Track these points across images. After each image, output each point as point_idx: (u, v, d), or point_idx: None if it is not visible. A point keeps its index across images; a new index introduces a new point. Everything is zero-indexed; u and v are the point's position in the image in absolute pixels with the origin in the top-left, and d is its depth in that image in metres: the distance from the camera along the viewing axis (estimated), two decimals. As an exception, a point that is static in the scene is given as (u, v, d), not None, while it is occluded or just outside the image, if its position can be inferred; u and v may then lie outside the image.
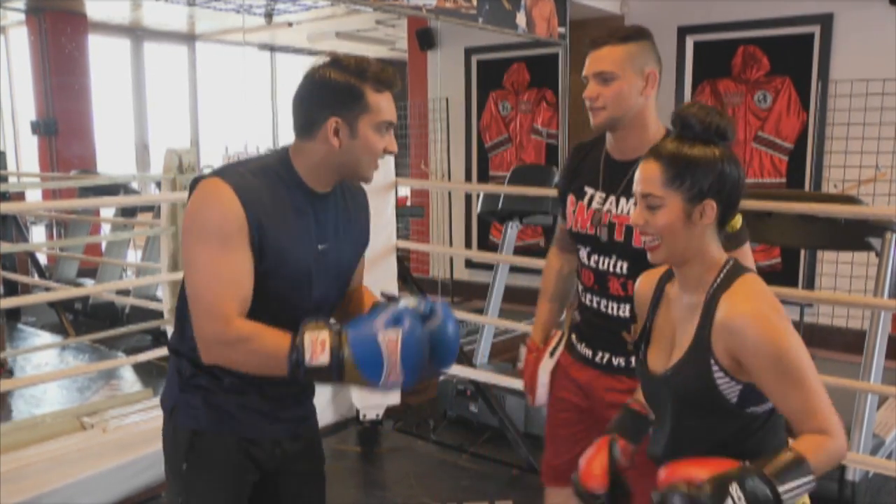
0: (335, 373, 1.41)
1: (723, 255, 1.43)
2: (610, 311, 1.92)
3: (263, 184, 1.51)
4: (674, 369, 1.44)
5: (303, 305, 1.57)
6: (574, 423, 2.02)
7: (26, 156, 7.66)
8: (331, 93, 1.50)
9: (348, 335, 1.41)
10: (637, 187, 1.42)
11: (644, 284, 1.60)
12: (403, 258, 4.18)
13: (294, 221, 1.54)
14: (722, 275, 1.42)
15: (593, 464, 1.56)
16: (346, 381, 1.43)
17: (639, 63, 1.77)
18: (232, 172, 1.51)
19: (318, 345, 1.40)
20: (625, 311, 1.87)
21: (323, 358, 1.39)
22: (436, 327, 1.48)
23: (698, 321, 1.41)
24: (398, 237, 3.97)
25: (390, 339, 1.39)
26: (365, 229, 1.79)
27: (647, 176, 1.41)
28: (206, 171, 1.66)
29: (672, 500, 1.24)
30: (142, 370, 4.40)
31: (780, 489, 1.22)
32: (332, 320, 1.51)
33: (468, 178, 7.01)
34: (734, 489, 1.21)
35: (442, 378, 4.12)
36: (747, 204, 3.26)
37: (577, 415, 2.01)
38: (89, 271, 6.56)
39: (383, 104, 1.52)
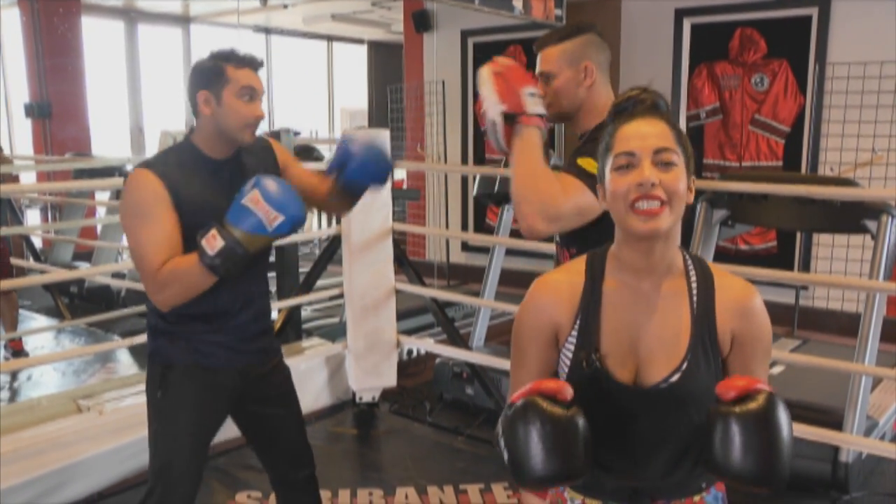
0: (235, 245, 1.78)
1: None
2: None
3: (175, 161, 1.94)
4: (685, 373, 1.23)
5: None
6: None
7: (20, 139, 7.62)
8: (200, 73, 1.93)
9: (228, 216, 1.80)
10: (644, 143, 1.21)
11: (556, 285, 1.31)
12: (400, 241, 4.18)
13: (203, 184, 1.93)
14: (687, 256, 1.30)
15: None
16: (252, 247, 1.81)
17: (575, 58, 1.88)
18: (151, 161, 1.95)
19: (210, 239, 1.79)
20: None
21: (218, 242, 1.78)
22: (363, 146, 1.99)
23: (692, 308, 1.25)
24: (394, 220, 3.97)
25: (251, 198, 1.79)
26: (274, 167, 2.10)
27: (658, 130, 1.22)
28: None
29: (772, 408, 1.12)
30: (137, 353, 4.40)
31: None
32: None
33: (464, 160, 7.00)
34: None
35: (438, 360, 4.13)
36: (743, 186, 3.27)
37: None
38: (84, 254, 6.55)
39: (242, 77, 1.91)
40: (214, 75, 1.90)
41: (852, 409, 2.98)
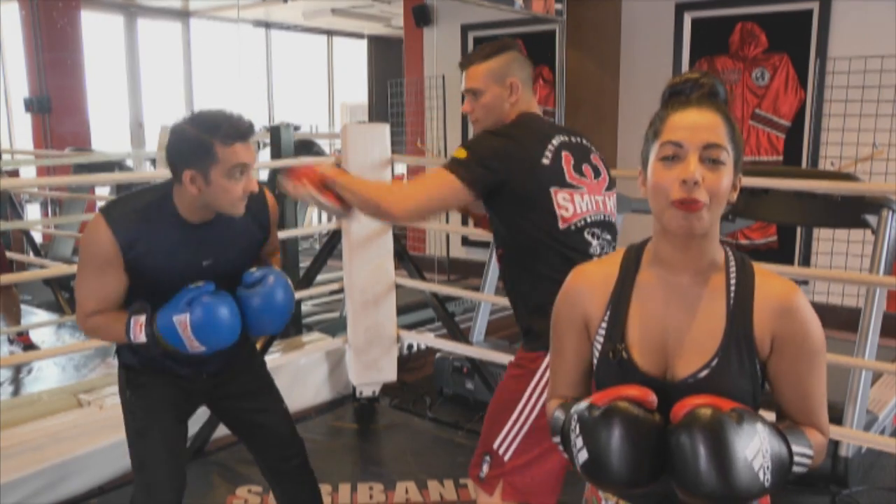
0: (154, 345, 1.83)
1: None
2: None
3: (143, 215, 1.85)
4: (714, 370, 1.19)
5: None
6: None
7: (19, 133, 7.61)
8: (185, 147, 1.80)
9: (156, 318, 1.82)
10: (694, 135, 1.14)
11: (591, 276, 1.31)
12: (400, 236, 4.18)
13: (171, 247, 1.87)
14: (731, 253, 1.25)
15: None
16: (166, 350, 1.85)
17: (500, 75, 2.00)
18: (117, 211, 1.86)
19: (137, 326, 1.83)
20: None
21: (142, 336, 1.83)
22: (265, 293, 1.90)
23: (729, 305, 1.21)
24: (394, 215, 3.95)
25: (181, 321, 1.80)
26: (255, 237, 2.05)
27: (711, 123, 1.15)
28: None
29: (700, 425, 1.08)
30: (138, 348, 4.40)
31: (794, 449, 1.14)
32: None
33: (464, 155, 6.97)
34: (761, 429, 1.09)
35: (438, 355, 4.13)
36: (744, 181, 3.27)
37: None
38: (85, 249, 6.53)
39: (229, 154, 1.78)
40: (201, 153, 1.78)
41: (852, 403, 2.98)
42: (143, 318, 1.84)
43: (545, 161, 1.90)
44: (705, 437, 1.07)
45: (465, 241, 6.97)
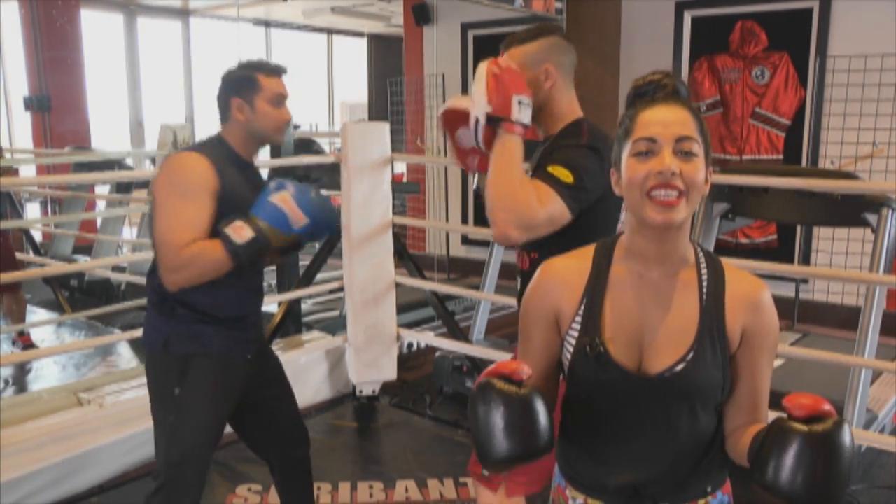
0: (261, 239, 1.89)
1: None
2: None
3: (221, 156, 2.00)
4: (690, 363, 1.21)
5: None
6: None
7: (19, 132, 7.61)
8: (233, 81, 2.05)
9: (254, 211, 1.91)
10: (666, 129, 1.17)
11: (563, 270, 1.30)
12: (399, 234, 4.18)
13: (238, 180, 2.02)
14: (699, 248, 1.28)
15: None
16: (273, 241, 1.91)
17: (537, 60, 1.90)
18: (200, 147, 2.02)
19: (238, 228, 1.88)
20: None
21: (247, 233, 1.87)
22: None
23: (701, 299, 1.23)
24: (394, 213, 3.96)
25: (283, 198, 1.91)
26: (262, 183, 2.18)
27: (681, 118, 1.18)
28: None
29: (839, 434, 1.05)
30: (138, 346, 4.40)
31: None
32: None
33: (464, 154, 6.97)
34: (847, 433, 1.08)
35: (438, 354, 4.13)
36: (744, 179, 3.27)
37: None
38: (85, 248, 6.54)
39: (272, 84, 2.05)
40: (247, 83, 2.03)
41: (852, 402, 2.98)
42: (239, 221, 1.89)
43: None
44: (842, 446, 1.06)
45: (465, 240, 6.97)
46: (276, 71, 2.08)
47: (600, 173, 1.74)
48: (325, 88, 10.24)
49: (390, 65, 9.14)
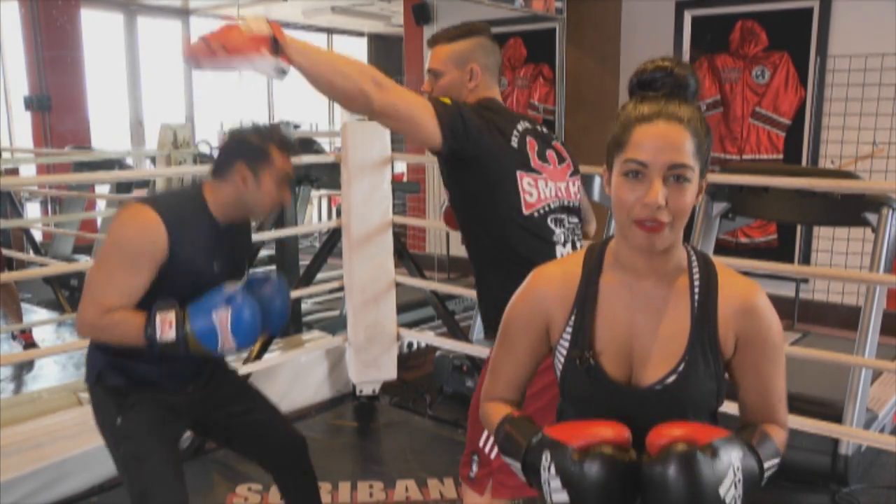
0: (181, 345, 1.80)
1: None
2: None
3: (183, 213, 1.90)
4: (681, 374, 1.19)
5: (200, 291, 1.89)
6: None
7: (19, 131, 7.61)
8: (245, 146, 1.94)
9: (189, 314, 1.80)
10: (658, 156, 1.12)
11: (553, 279, 1.28)
12: (399, 234, 4.18)
13: (198, 246, 1.91)
14: (693, 254, 1.25)
15: None
16: (194, 351, 1.82)
17: (462, 60, 1.93)
18: (161, 203, 1.89)
19: (165, 323, 1.78)
20: None
21: (170, 334, 1.78)
22: (265, 298, 1.96)
23: (693, 307, 1.21)
24: (394, 213, 3.96)
25: (222, 317, 1.80)
26: (251, 248, 2.25)
27: (678, 139, 1.12)
28: (202, 146, 2.00)
29: (674, 463, 1.08)
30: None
31: (765, 465, 1.16)
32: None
33: (464, 153, 6.97)
34: (736, 458, 1.10)
35: (438, 353, 4.13)
36: (744, 179, 3.27)
37: None
38: (85, 248, 6.54)
39: (283, 162, 1.95)
40: (259, 154, 1.93)
41: (852, 401, 2.98)
42: (171, 316, 1.79)
43: (513, 144, 1.87)
44: (679, 476, 1.08)
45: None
46: (291, 148, 2.01)
47: (481, 127, 1.80)
48: (326, 88, 10.23)
49: (390, 64, 9.13)
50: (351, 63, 1.73)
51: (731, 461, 1.10)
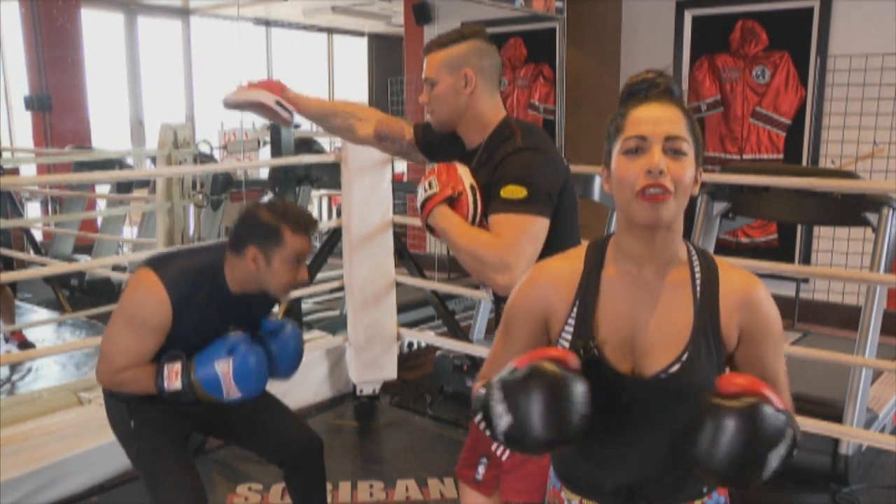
0: (188, 393, 1.91)
1: None
2: None
3: (194, 282, 1.96)
4: (685, 364, 1.20)
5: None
6: None
7: (20, 131, 7.61)
8: (257, 228, 1.95)
9: (194, 365, 1.90)
10: (656, 128, 1.17)
11: (555, 272, 1.30)
12: (400, 233, 4.18)
13: (208, 312, 1.97)
14: (692, 248, 1.27)
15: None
16: (201, 398, 1.93)
17: (455, 65, 1.86)
18: (171, 271, 1.95)
19: (172, 374, 1.90)
20: None
21: (176, 384, 1.90)
22: (279, 341, 2.06)
23: (695, 298, 1.22)
24: (395, 212, 3.96)
25: (224, 369, 1.89)
26: (268, 308, 2.22)
27: (672, 116, 1.18)
28: (202, 145, 2.01)
29: (751, 411, 1.09)
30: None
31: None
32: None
33: (465, 153, 6.97)
34: (789, 434, 1.12)
35: (439, 353, 4.13)
36: (744, 179, 3.27)
37: None
38: (85, 247, 6.54)
39: (297, 243, 1.96)
40: (271, 236, 1.94)
41: (852, 401, 2.98)
42: (177, 366, 1.90)
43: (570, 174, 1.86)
44: (751, 424, 1.09)
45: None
46: (306, 227, 1.98)
47: (549, 168, 1.76)
48: (326, 88, 10.23)
49: (391, 64, 9.13)
50: (479, 253, 1.72)
51: (788, 435, 1.11)
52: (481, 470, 1.99)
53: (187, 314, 1.93)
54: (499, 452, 1.95)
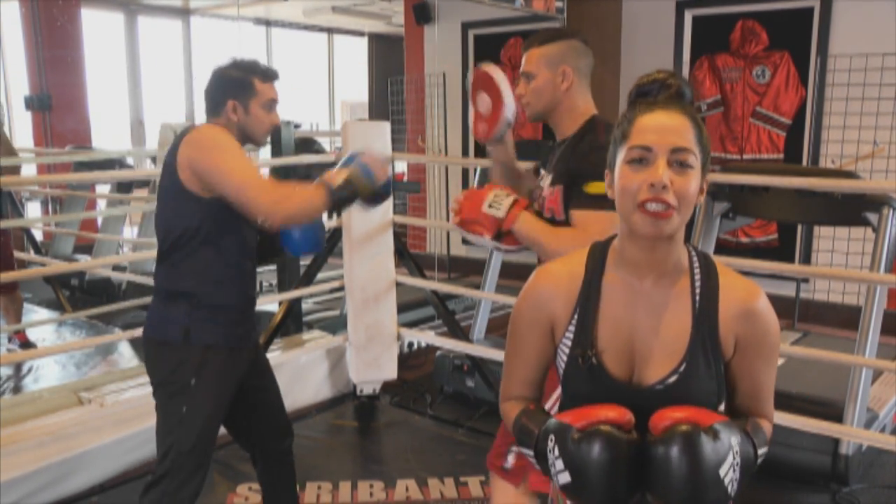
0: (352, 185, 2.02)
1: None
2: None
3: None
4: (683, 374, 1.20)
5: None
6: None
7: (20, 131, 7.61)
8: (229, 83, 2.10)
9: (343, 163, 2.07)
10: (662, 139, 1.14)
11: (557, 277, 1.29)
12: (400, 234, 4.17)
13: None
14: (695, 254, 1.25)
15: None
16: (361, 190, 2.05)
17: (554, 62, 1.98)
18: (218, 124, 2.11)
19: (331, 175, 2.04)
20: None
21: (340, 177, 2.02)
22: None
23: (694, 308, 1.21)
24: (395, 212, 3.96)
25: (362, 155, 2.09)
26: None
27: (679, 126, 1.15)
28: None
29: (678, 442, 1.10)
30: (138, 345, 4.39)
31: (758, 452, 1.18)
32: None
33: (465, 153, 6.98)
34: (735, 442, 1.12)
35: (439, 353, 4.13)
36: (745, 179, 3.26)
37: None
38: (85, 247, 6.54)
39: (267, 91, 2.13)
40: (243, 87, 2.09)
41: (853, 401, 2.98)
42: (330, 171, 2.05)
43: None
44: (682, 455, 1.10)
45: (466, 240, 6.95)
46: (271, 76, 2.15)
47: None
48: (326, 88, 10.23)
49: (391, 64, 9.13)
50: (554, 238, 1.84)
51: (731, 444, 1.12)
52: (511, 459, 2.04)
53: None
54: None
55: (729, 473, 1.11)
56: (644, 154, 1.15)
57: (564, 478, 1.15)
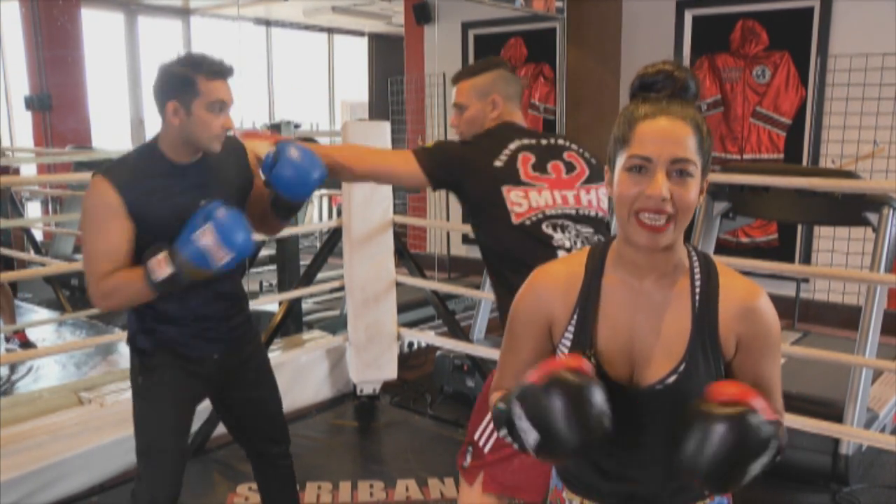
0: (180, 277, 1.82)
1: None
2: None
3: (135, 167, 1.93)
4: (682, 375, 1.19)
5: None
6: None
7: (20, 131, 7.61)
8: (169, 81, 1.90)
9: (177, 247, 1.81)
10: (662, 150, 1.12)
11: (556, 278, 1.28)
12: (400, 233, 4.18)
13: (165, 190, 1.91)
14: (694, 254, 1.25)
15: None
16: (195, 277, 1.84)
17: (484, 92, 2.11)
18: (109, 167, 1.93)
19: (159, 263, 1.82)
20: None
21: (167, 269, 1.81)
22: (286, 166, 1.90)
23: (694, 308, 1.21)
24: (395, 212, 3.96)
25: (205, 237, 1.79)
26: (244, 178, 2.10)
27: (681, 134, 1.13)
28: None
29: (739, 423, 1.09)
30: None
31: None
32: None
33: (465, 153, 6.97)
34: (775, 445, 1.12)
35: (439, 353, 4.13)
36: (745, 179, 3.26)
37: None
38: (85, 247, 6.53)
39: (211, 89, 1.88)
40: (184, 86, 1.88)
41: (853, 401, 2.98)
42: (162, 255, 1.82)
43: (497, 164, 1.98)
44: (736, 436, 1.09)
45: (466, 239, 6.96)
46: (220, 73, 1.91)
47: (462, 159, 2.01)
48: (326, 87, 10.23)
49: (391, 64, 9.13)
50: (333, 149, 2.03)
51: (771, 446, 1.12)
52: (468, 458, 2.04)
53: (142, 194, 1.88)
54: (481, 443, 1.98)
55: (754, 469, 1.11)
56: (643, 163, 1.14)
57: (533, 436, 1.14)
